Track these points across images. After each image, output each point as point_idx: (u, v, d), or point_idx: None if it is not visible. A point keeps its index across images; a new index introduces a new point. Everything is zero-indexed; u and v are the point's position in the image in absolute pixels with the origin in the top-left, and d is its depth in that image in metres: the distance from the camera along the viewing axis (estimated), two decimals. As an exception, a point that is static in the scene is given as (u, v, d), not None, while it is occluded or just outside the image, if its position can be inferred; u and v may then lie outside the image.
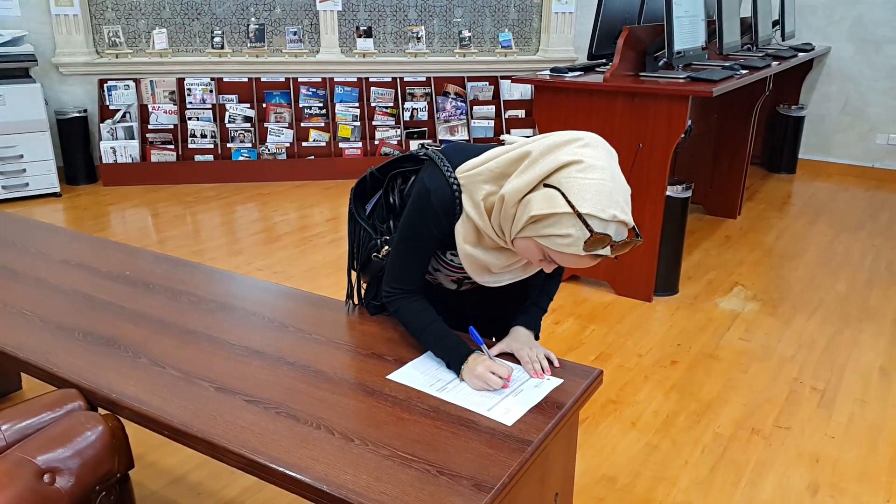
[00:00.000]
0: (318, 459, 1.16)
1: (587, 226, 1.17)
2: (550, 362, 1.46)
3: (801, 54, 4.86)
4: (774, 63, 4.16)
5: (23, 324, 1.61)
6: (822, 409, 2.54)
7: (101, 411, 1.35)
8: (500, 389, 1.36)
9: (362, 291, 1.73)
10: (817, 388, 2.67)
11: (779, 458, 2.27)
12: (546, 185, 1.22)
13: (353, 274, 1.70)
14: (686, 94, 3.05)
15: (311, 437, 1.21)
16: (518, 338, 1.51)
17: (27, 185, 4.91)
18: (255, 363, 1.45)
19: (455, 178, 1.38)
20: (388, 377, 1.40)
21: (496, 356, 1.47)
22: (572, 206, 1.18)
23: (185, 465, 2.19)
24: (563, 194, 1.19)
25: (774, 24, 5.18)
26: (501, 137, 1.44)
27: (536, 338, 1.55)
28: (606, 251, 1.21)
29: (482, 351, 1.44)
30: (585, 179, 1.19)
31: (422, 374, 1.42)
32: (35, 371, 1.44)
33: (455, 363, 1.42)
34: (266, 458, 1.16)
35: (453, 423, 1.26)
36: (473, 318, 1.66)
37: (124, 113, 5.34)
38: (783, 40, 5.26)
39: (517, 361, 1.47)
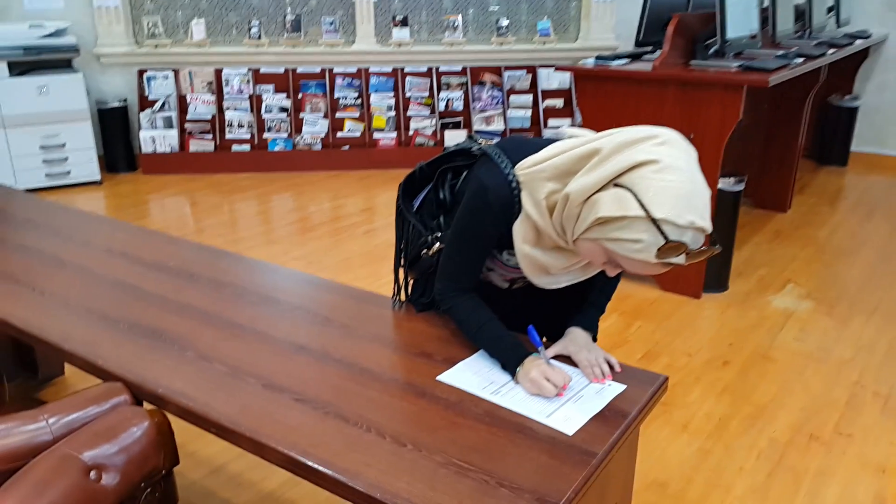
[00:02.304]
0: (370, 465, 1.10)
1: (661, 232, 1.08)
2: (611, 367, 1.38)
3: (857, 41, 4.66)
4: (830, 51, 3.99)
5: (67, 314, 1.59)
6: (886, 416, 2.41)
7: (147, 406, 1.31)
8: (557, 396, 1.29)
9: (409, 289, 1.67)
10: (880, 393, 2.55)
11: (841, 467, 2.16)
12: (616, 185, 1.12)
13: (401, 271, 1.64)
14: (740, 84, 2.93)
15: (361, 441, 1.16)
16: (575, 340, 1.44)
17: (69, 173, 4.96)
18: (302, 359, 1.40)
19: (514, 176, 1.30)
20: (438, 378, 1.34)
21: (551, 359, 1.40)
22: (646, 210, 1.08)
23: (225, 454, 2.17)
24: (635, 196, 1.09)
25: (829, 10, 4.98)
26: (563, 130, 1.36)
27: (594, 339, 1.47)
28: (680, 259, 1.11)
29: (539, 353, 1.36)
30: (662, 181, 1.09)
31: (474, 376, 1.35)
32: (80, 363, 1.41)
33: (511, 365, 1.35)
34: (316, 462, 1.11)
35: (510, 430, 1.19)
36: (525, 317, 1.58)
37: (163, 103, 5.36)
38: (838, 27, 5.06)
39: (575, 364, 1.40)
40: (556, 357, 1.42)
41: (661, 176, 1.09)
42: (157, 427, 1.22)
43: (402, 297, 1.66)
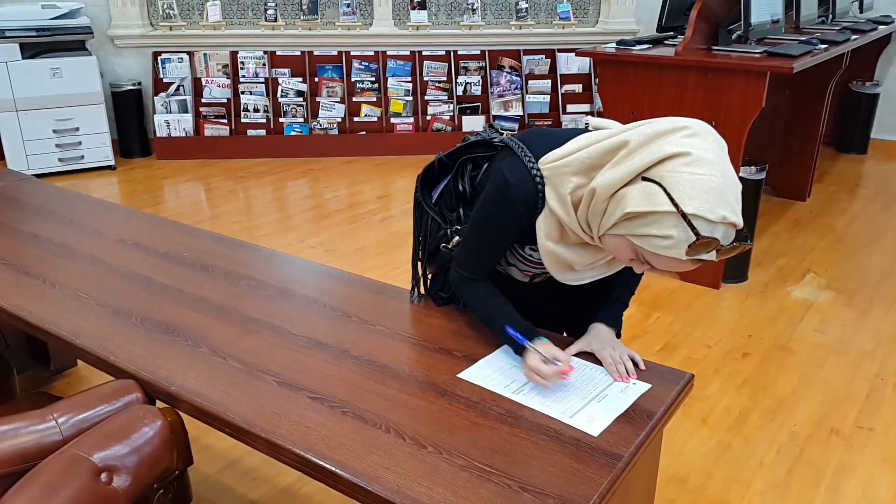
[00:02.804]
0: (389, 468, 1.07)
1: (692, 228, 1.04)
2: (635, 364, 1.34)
3: (881, 27, 4.54)
4: (854, 37, 3.88)
5: (79, 307, 1.56)
6: (908, 409, 2.37)
7: (159, 404, 1.29)
8: (583, 395, 1.25)
9: (427, 282, 1.63)
10: (901, 386, 2.50)
11: (862, 462, 2.12)
12: (645, 179, 1.08)
13: (419, 265, 1.61)
14: (764, 70, 2.85)
15: (380, 442, 1.13)
16: (599, 336, 1.40)
17: (83, 157, 4.95)
18: (319, 356, 1.37)
19: (538, 170, 1.25)
20: (459, 375, 1.31)
21: (574, 356, 1.37)
22: (676, 205, 1.04)
23: (240, 448, 2.15)
24: (665, 190, 1.05)
25: (853, -6, 4.85)
26: (587, 121, 1.31)
27: (618, 335, 1.44)
28: (711, 256, 1.07)
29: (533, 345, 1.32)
30: (692, 175, 1.04)
31: (495, 374, 1.32)
32: (91, 359, 1.39)
33: (519, 351, 1.34)
34: (333, 464, 1.08)
35: (533, 431, 1.16)
36: (545, 312, 1.55)
37: (178, 86, 5.32)
38: (861, 12, 4.93)
39: (598, 362, 1.36)
40: (579, 354, 1.38)
41: (692, 169, 1.05)
42: (170, 427, 1.20)
43: (421, 289, 1.63)
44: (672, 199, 1.04)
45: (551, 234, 1.27)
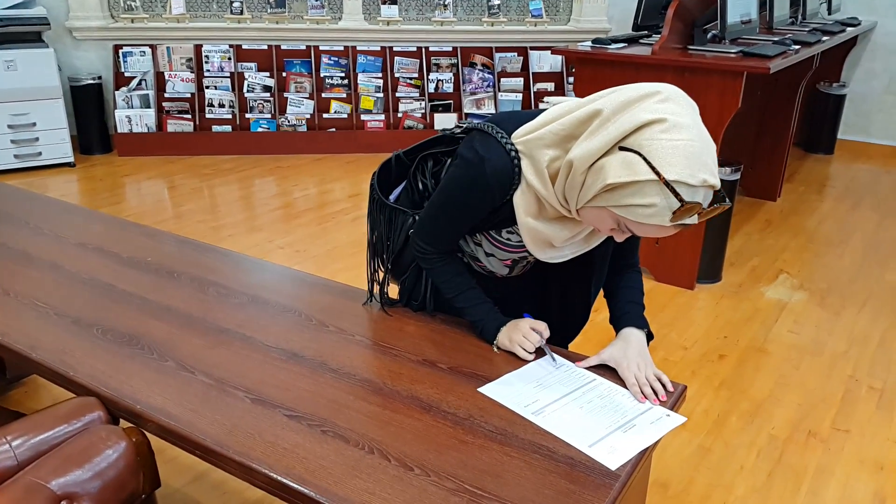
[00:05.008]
0: (374, 493, 1.01)
1: (675, 194, 1.02)
2: (662, 384, 1.27)
3: (848, 29, 4.60)
4: (824, 38, 3.92)
5: (36, 317, 1.46)
6: (882, 410, 2.38)
7: (123, 423, 1.20)
8: (609, 422, 1.17)
9: (386, 286, 1.57)
10: (875, 387, 2.51)
11: (839, 464, 2.12)
12: (622, 149, 1.05)
13: (377, 267, 1.56)
14: (741, 70, 2.84)
15: (363, 464, 1.06)
16: (628, 344, 1.33)
17: (40, 154, 4.76)
18: (295, 369, 1.30)
19: (513, 145, 1.21)
20: (479, 390, 1.23)
21: (591, 367, 1.33)
22: (657, 173, 1.02)
23: (208, 460, 2.06)
24: (645, 159, 1.03)
25: (822, -4, 4.91)
26: (545, 99, 1.27)
27: (650, 336, 1.39)
28: (693, 219, 1.06)
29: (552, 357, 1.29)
30: (671, 141, 1.02)
31: (518, 392, 1.24)
32: (50, 374, 1.30)
33: (490, 329, 1.37)
34: (315, 490, 1.01)
35: (525, 450, 1.10)
36: (520, 308, 1.51)
37: (140, 80, 5.16)
38: (829, 14, 4.99)
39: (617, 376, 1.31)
40: (600, 367, 1.33)
41: (670, 136, 1.03)
42: (136, 448, 1.12)
43: (386, 292, 1.56)
44: (653, 168, 1.03)
45: (530, 210, 1.24)
